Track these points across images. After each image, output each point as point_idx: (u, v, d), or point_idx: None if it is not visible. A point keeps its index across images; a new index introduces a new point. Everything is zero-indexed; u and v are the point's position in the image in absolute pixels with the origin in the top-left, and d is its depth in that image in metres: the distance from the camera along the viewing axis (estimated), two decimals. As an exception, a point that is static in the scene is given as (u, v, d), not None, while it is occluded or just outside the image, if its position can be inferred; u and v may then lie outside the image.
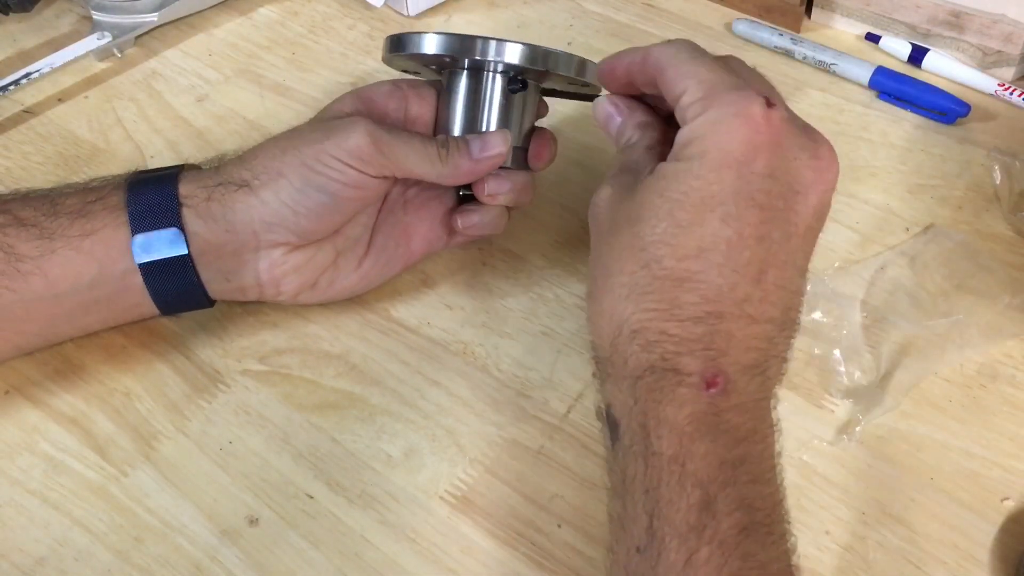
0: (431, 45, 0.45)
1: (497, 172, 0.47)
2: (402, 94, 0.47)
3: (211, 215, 0.43)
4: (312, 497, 0.43)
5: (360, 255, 0.48)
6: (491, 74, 0.46)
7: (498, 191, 0.47)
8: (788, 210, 0.35)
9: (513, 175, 0.47)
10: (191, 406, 0.46)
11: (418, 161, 0.44)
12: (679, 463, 0.33)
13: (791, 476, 0.43)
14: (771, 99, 0.35)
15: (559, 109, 0.57)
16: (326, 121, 0.45)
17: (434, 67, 0.49)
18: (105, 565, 0.41)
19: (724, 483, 0.32)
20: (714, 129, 0.35)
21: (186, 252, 0.43)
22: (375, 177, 0.44)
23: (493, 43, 0.44)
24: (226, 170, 0.45)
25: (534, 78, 0.47)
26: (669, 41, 0.40)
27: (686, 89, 0.37)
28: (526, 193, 0.48)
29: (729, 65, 0.38)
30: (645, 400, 0.34)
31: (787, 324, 0.36)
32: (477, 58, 0.45)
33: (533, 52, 0.45)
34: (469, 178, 0.46)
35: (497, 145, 0.45)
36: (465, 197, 0.49)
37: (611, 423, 0.36)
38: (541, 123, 0.49)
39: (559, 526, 0.42)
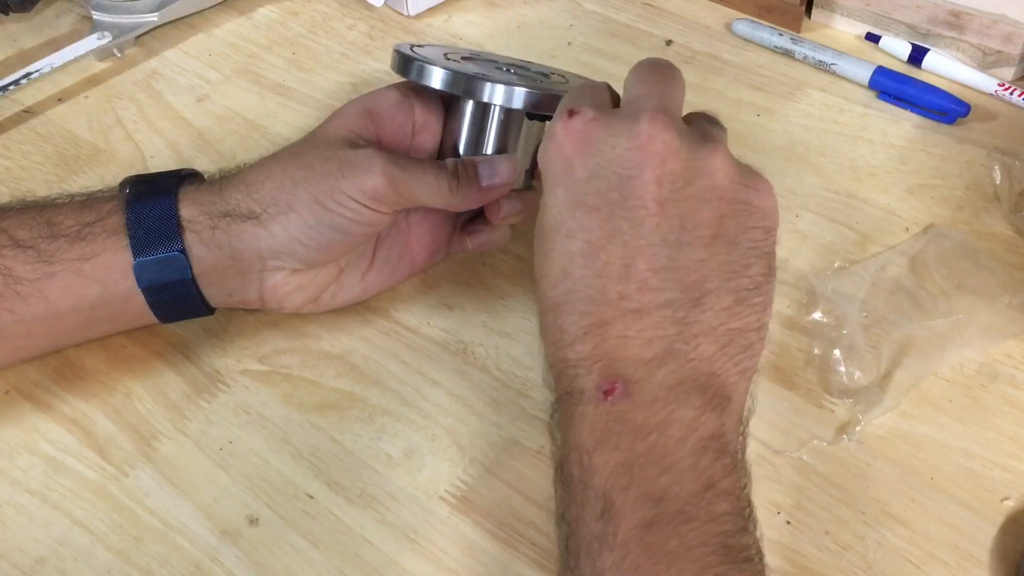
0: (438, 80, 0.45)
1: (508, 195, 0.47)
2: (409, 104, 0.47)
3: (215, 242, 0.43)
4: (312, 497, 0.43)
5: (363, 269, 0.47)
6: (500, 108, 0.46)
7: (510, 213, 0.47)
8: (627, 197, 0.34)
9: (523, 195, 0.47)
10: (191, 406, 0.46)
11: (430, 195, 0.44)
12: (583, 482, 0.33)
13: (791, 476, 0.43)
14: (574, 109, 0.36)
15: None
16: (338, 151, 0.43)
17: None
18: (105, 565, 0.41)
19: (624, 486, 0.32)
20: (542, 155, 0.37)
21: (189, 276, 0.43)
22: (388, 214, 0.44)
23: (501, 88, 0.44)
24: (231, 196, 0.43)
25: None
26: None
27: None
28: (534, 211, 0.48)
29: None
30: (561, 433, 0.35)
31: (701, 300, 0.34)
32: (483, 100, 0.45)
33: (538, 99, 0.45)
34: (478, 204, 0.46)
35: (506, 173, 0.45)
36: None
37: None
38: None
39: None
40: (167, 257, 0.42)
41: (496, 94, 0.45)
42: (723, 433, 0.34)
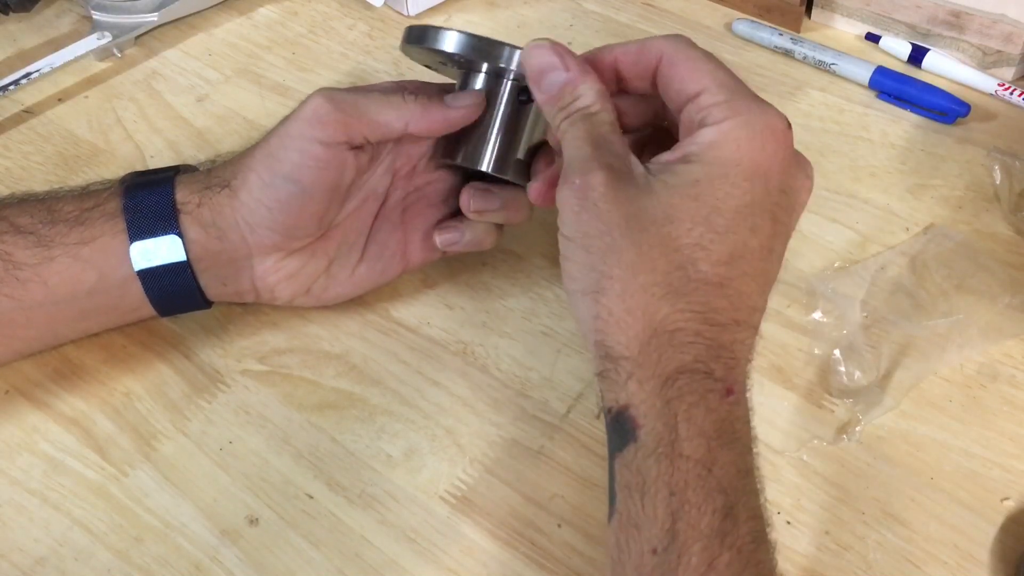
0: (452, 43, 0.43)
1: (486, 187, 0.46)
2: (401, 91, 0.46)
3: (204, 221, 0.43)
4: (312, 497, 0.43)
5: (354, 262, 0.47)
6: (507, 81, 0.44)
7: (485, 207, 0.46)
8: (790, 224, 0.37)
9: (504, 191, 0.46)
10: (191, 406, 0.46)
11: (380, 108, 0.42)
12: (707, 467, 0.32)
13: (791, 476, 0.43)
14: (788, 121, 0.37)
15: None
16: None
17: (450, 65, 0.47)
18: (105, 565, 0.41)
19: (741, 491, 0.33)
20: (746, 138, 0.35)
21: (185, 259, 0.43)
22: (336, 147, 0.42)
23: (517, 52, 0.43)
24: (216, 172, 0.44)
25: None
26: (668, 36, 0.39)
27: (706, 88, 0.36)
28: (518, 212, 0.46)
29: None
30: (676, 402, 0.33)
31: (756, 330, 0.37)
32: (501, 65, 0.43)
33: None
34: (442, 125, 0.43)
35: (471, 98, 0.43)
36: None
37: (627, 423, 0.34)
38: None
39: (559, 526, 0.42)
40: (163, 240, 0.43)
41: (513, 57, 0.43)
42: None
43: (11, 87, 0.61)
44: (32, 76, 0.61)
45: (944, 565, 0.40)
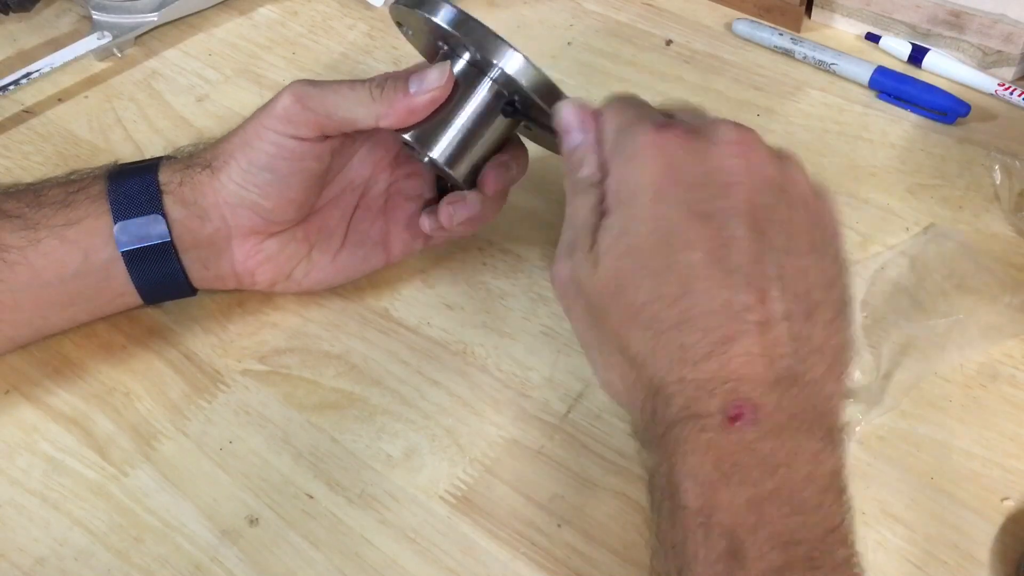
0: (445, 17, 0.42)
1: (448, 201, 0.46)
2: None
3: (186, 200, 0.44)
4: (312, 497, 0.43)
5: (335, 249, 0.47)
6: (490, 81, 0.43)
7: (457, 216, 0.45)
8: (734, 204, 0.34)
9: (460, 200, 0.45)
10: (191, 406, 0.46)
11: (350, 106, 0.42)
12: (704, 515, 0.31)
13: (791, 476, 0.43)
14: (663, 121, 0.36)
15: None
16: None
17: (437, 42, 0.45)
18: (105, 565, 0.41)
19: (753, 526, 0.30)
20: (628, 169, 0.35)
21: (168, 239, 0.44)
22: (309, 140, 0.43)
23: (510, 52, 0.41)
24: (197, 155, 0.45)
25: (527, 111, 0.44)
26: (611, 101, 0.39)
27: (606, 135, 0.37)
28: (480, 215, 0.46)
29: (641, 110, 0.38)
30: (672, 455, 0.32)
31: (813, 309, 0.33)
32: (491, 60, 0.42)
33: (540, 80, 0.42)
34: (408, 115, 0.42)
35: (435, 79, 0.42)
36: (443, 192, 0.48)
37: (650, 489, 0.34)
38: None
39: (559, 526, 0.42)
40: (146, 220, 0.43)
41: (509, 59, 0.41)
42: (840, 468, 0.32)
43: (11, 87, 0.61)
44: (32, 76, 0.61)
45: (944, 565, 0.40)
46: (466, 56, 0.43)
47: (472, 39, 0.42)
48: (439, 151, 0.44)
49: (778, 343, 0.32)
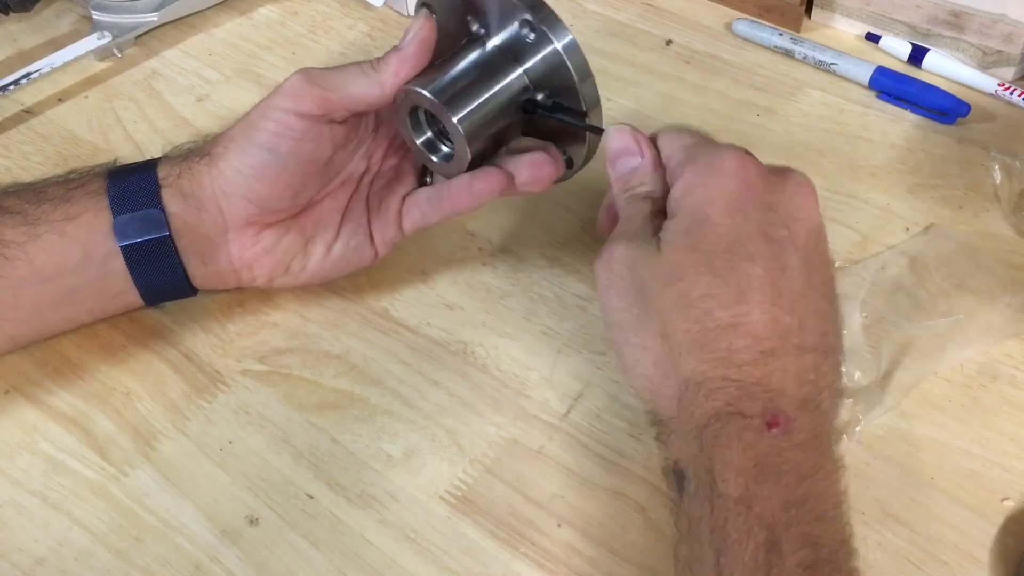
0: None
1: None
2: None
3: (183, 193, 0.44)
4: (312, 497, 0.43)
5: (329, 241, 0.48)
6: (524, 74, 0.43)
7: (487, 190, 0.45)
8: (794, 237, 0.37)
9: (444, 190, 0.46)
10: (191, 406, 0.46)
11: (354, 79, 0.44)
12: (745, 504, 0.33)
13: (791, 476, 0.43)
14: (746, 150, 0.38)
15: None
16: None
17: (469, 19, 0.44)
18: (105, 565, 0.41)
19: (788, 523, 0.33)
20: (708, 177, 0.38)
21: (167, 233, 0.44)
22: (312, 117, 0.43)
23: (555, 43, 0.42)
24: (198, 147, 0.46)
25: (546, 111, 0.44)
26: (666, 128, 0.42)
27: (672, 153, 0.40)
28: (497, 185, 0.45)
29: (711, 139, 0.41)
30: (711, 446, 0.34)
31: (829, 351, 0.36)
32: (532, 53, 0.42)
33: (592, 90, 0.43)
34: (401, 65, 0.43)
35: (417, 24, 0.43)
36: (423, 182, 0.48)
37: (677, 476, 0.36)
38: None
39: (559, 526, 0.42)
40: (145, 215, 0.44)
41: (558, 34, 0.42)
42: (846, 492, 0.35)
43: (11, 87, 0.61)
44: (32, 76, 0.61)
45: (944, 565, 0.40)
46: (505, 35, 0.43)
47: (542, 19, 0.42)
48: (466, 120, 0.43)
49: (806, 369, 0.35)
